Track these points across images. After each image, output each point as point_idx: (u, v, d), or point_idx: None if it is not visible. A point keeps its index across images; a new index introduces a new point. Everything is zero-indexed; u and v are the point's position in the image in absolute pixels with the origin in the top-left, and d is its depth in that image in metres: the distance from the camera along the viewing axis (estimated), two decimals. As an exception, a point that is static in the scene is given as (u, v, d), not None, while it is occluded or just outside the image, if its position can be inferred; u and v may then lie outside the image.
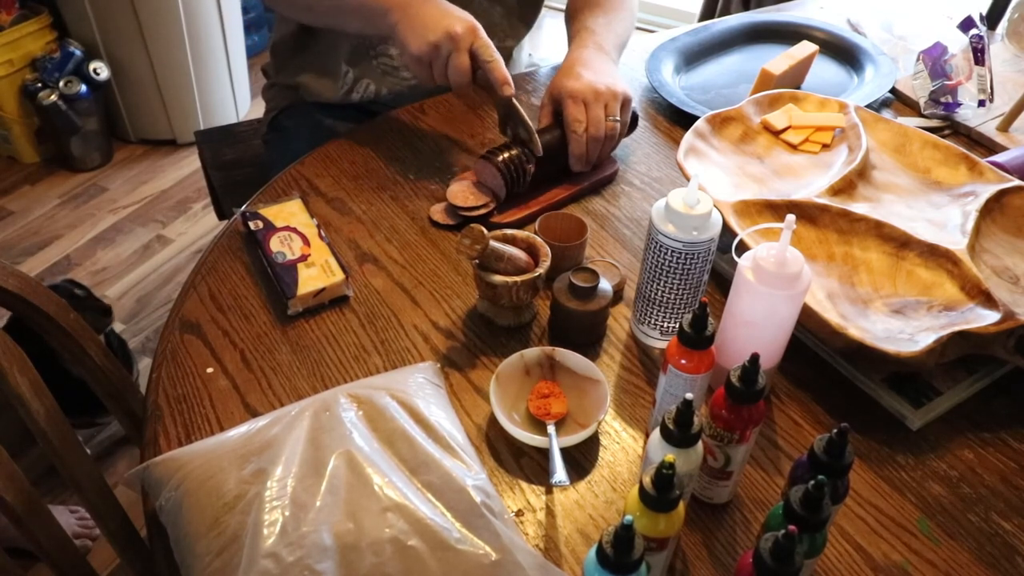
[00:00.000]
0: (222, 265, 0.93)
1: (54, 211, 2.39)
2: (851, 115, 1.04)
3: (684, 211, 0.74)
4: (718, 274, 0.94)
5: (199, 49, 2.49)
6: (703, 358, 0.68)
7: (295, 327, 0.86)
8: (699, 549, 0.69)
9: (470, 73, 0.97)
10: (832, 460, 0.59)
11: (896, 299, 0.84)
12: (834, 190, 0.93)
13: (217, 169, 1.57)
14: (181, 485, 0.65)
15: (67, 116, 2.38)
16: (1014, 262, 0.88)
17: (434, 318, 0.88)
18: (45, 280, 2.11)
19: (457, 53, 0.96)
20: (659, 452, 0.61)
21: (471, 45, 0.96)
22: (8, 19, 2.31)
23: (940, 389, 0.81)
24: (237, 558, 0.59)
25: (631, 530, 0.50)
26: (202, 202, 2.44)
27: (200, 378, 0.80)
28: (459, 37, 0.95)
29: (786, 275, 0.69)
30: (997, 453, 0.78)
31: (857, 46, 1.35)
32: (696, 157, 0.98)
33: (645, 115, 1.23)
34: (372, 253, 0.96)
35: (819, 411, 0.81)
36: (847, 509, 0.72)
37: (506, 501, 0.71)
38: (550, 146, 1.02)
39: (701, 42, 1.37)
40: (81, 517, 1.55)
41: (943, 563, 0.69)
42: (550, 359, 0.80)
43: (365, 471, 0.64)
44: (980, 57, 1.22)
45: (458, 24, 0.96)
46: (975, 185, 0.96)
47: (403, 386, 0.74)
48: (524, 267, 0.83)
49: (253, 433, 0.68)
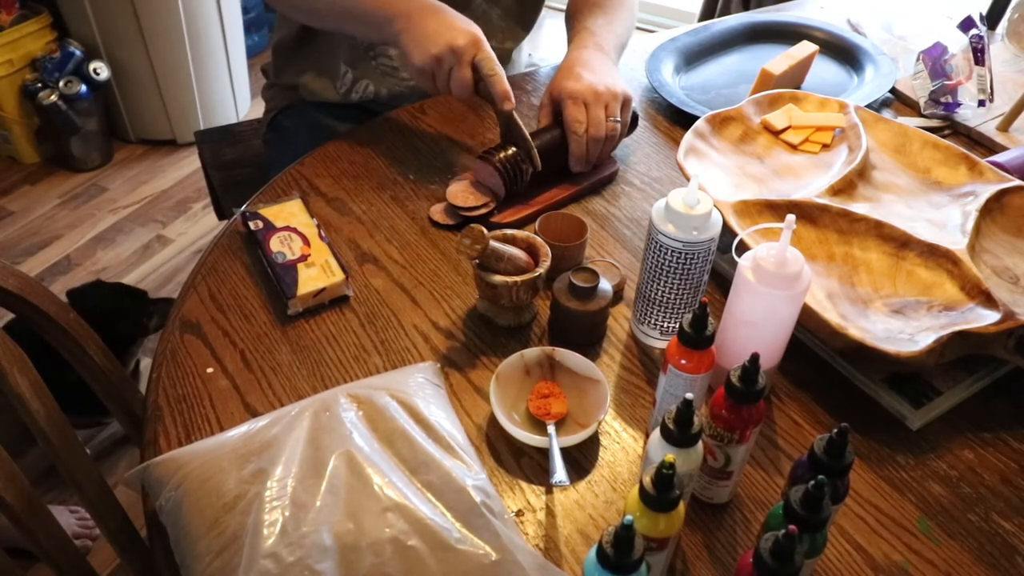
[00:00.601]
0: (222, 265, 0.93)
1: (54, 211, 2.39)
2: (851, 115, 1.04)
3: (684, 211, 0.74)
4: (718, 274, 0.94)
5: (199, 49, 2.49)
6: (703, 358, 0.68)
7: (295, 327, 0.86)
8: (699, 549, 0.69)
9: (472, 86, 0.98)
10: (832, 460, 0.59)
11: (896, 299, 0.84)
12: (834, 190, 0.93)
13: (217, 169, 1.57)
14: (181, 485, 0.65)
15: (67, 116, 2.38)
16: (1014, 262, 0.88)
17: (434, 318, 0.88)
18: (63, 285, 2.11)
19: (459, 66, 0.96)
20: (659, 452, 0.61)
21: (473, 58, 0.96)
22: (8, 19, 2.31)
23: (940, 389, 0.81)
24: (237, 558, 0.59)
25: (631, 530, 0.50)
26: (202, 202, 2.44)
27: (200, 378, 0.80)
28: (461, 50, 0.96)
29: (786, 275, 0.69)
30: (997, 453, 0.78)
31: (857, 46, 1.35)
32: (696, 157, 0.98)
33: (645, 115, 1.23)
34: (372, 253, 0.96)
35: (819, 411, 0.81)
36: (847, 509, 0.72)
37: (506, 501, 0.71)
38: (550, 146, 1.02)
39: (701, 42, 1.37)
40: (81, 517, 1.55)
41: (943, 563, 0.69)
42: (550, 359, 0.80)
43: (365, 471, 0.64)
44: (980, 57, 1.22)
45: (461, 37, 0.96)
46: (975, 185, 0.96)
47: (403, 386, 0.74)
48: (524, 267, 0.83)
49: (253, 433, 0.68)
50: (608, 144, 1.05)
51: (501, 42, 1.27)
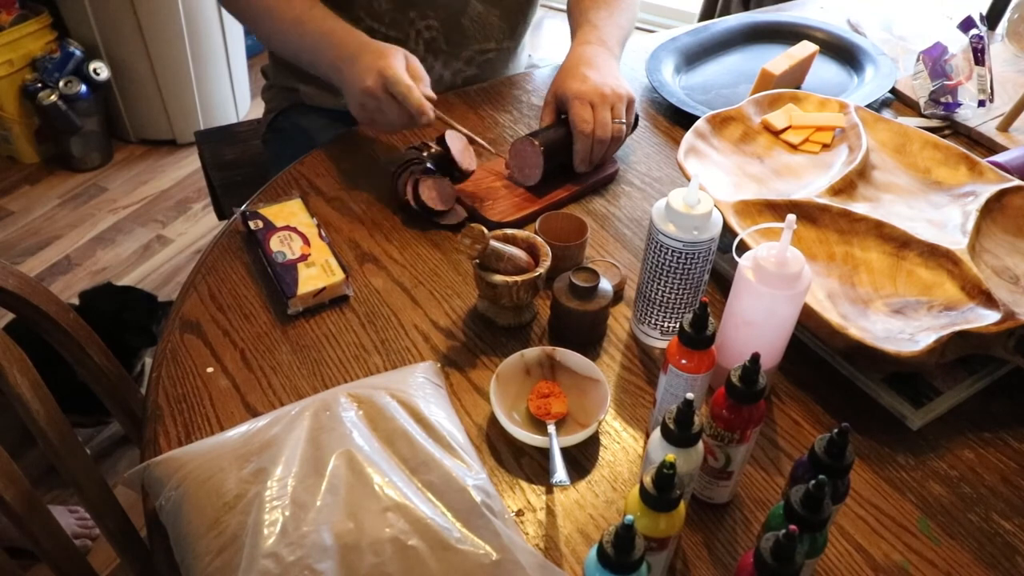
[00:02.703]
0: (222, 265, 0.93)
1: (54, 211, 2.39)
2: (851, 115, 1.04)
3: (684, 211, 0.74)
4: (718, 274, 0.94)
5: (199, 49, 2.49)
6: (703, 358, 0.68)
7: (295, 327, 0.86)
8: (699, 549, 0.69)
9: (404, 116, 0.97)
10: (833, 460, 0.59)
11: (896, 299, 0.84)
12: (834, 190, 0.93)
13: (217, 169, 1.57)
14: (181, 485, 0.65)
15: (67, 116, 2.38)
16: (1014, 262, 0.88)
17: (434, 318, 0.88)
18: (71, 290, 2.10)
19: (381, 105, 0.96)
20: (660, 452, 0.61)
21: (388, 90, 0.95)
22: (8, 19, 2.31)
23: (940, 389, 0.81)
24: (237, 558, 0.59)
25: (632, 530, 0.50)
26: (202, 202, 2.44)
27: (200, 378, 0.80)
28: (373, 90, 0.95)
29: (786, 275, 0.69)
30: (997, 453, 0.78)
31: (857, 46, 1.35)
32: (696, 157, 0.98)
33: (645, 115, 1.23)
34: (372, 253, 0.96)
35: (819, 411, 0.81)
36: (847, 509, 0.72)
37: (506, 501, 0.71)
38: (554, 145, 1.02)
39: (701, 42, 1.37)
40: (81, 517, 1.55)
41: (943, 563, 0.69)
42: (550, 359, 0.80)
43: (365, 471, 0.64)
44: (980, 57, 1.22)
45: (368, 77, 0.95)
46: (975, 185, 0.96)
47: (403, 386, 0.74)
48: (524, 267, 0.83)
49: (253, 433, 0.68)
50: (613, 145, 1.05)
51: (499, 42, 1.27)
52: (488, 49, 1.26)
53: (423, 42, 1.20)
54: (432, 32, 1.20)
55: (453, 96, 1.23)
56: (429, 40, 1.20)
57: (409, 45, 1.19)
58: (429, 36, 1.20)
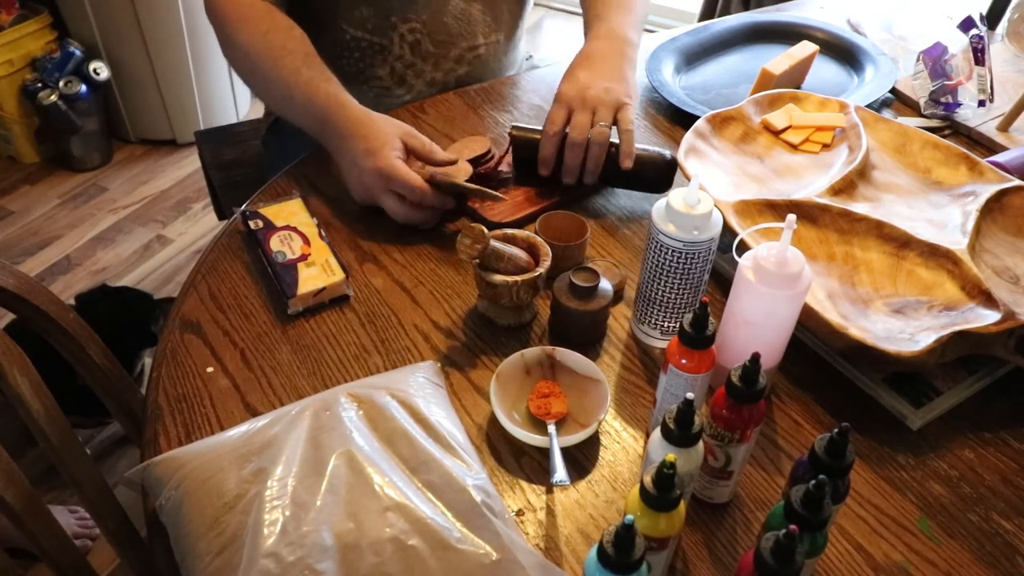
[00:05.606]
0: (222, 265, 0.93)
1: (54, 211, 2.39)
2: (851, 115, 1.04)
3: (685, 211, 0.74)
4: (718, 274, 0.94)
5: (199, 49, 2.49)
6: (703, 358, 0.68)
7: (295, 326, 0.86)
8: (700, 549, 0.69)
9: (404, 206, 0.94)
10: (833, 460, 0.59)
11: (896, 299, 0.84)
12: (834, 190, 0.93)
13: (217, 169, 1.57)
14: (181, 485, 0.65)
15: (67, 116, 2.38)
16: (1014, 262, 0.88)
17: (434, 317, 0.88)
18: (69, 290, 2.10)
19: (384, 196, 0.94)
20: (660, 452, 0.61)
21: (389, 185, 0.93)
22: (8, 19, 2.31)
23: (940, 389, 0.81)
24: (237, 558, 0.59)
25: (632, 530, 0.50)
26: (202, 202, 2.44)
27: (200, 377, 0.80)
28: (372, 187, 0.94)
29: (786, 275, 0.69)
30: (997, 453, 0.78)
31: (857, 46, 1.35)
32: (696, 157, 0.98)
33: (645, 115, 1.23)
34: (372, 253, 0.96)
35: (819, 411, 0.81)
36: (847, 509, 0.72)
37: (506, 501, 0.71)
38: (528, 142, 1.02)
39: (701, 42, 1.37)
40: (81, 517, 1.55)
41: (943, 563, 0.69)
42: (550, 359, 0.80)
43: (365, 471, 0.64)
44: (980, 57, 1.22)
45: (367, 175, 0.94)
46: (975, 185, 0.96)
47: (403, 385, 0.74)
48: (524, 267, 0.83)
49: (253, 433, 0.68)
50: (595, 151, 0.98)
51: (487, 36, 1.25)
52: (477, 45, 1.24)
53: (408, 45, 1.19)
54: (416, 35, 1.18)
55: (453, 96, 1.23)
56: (414, 43, 1.19)
57: (395, 50, 1.18)
58: (413, 39, 1.19)
